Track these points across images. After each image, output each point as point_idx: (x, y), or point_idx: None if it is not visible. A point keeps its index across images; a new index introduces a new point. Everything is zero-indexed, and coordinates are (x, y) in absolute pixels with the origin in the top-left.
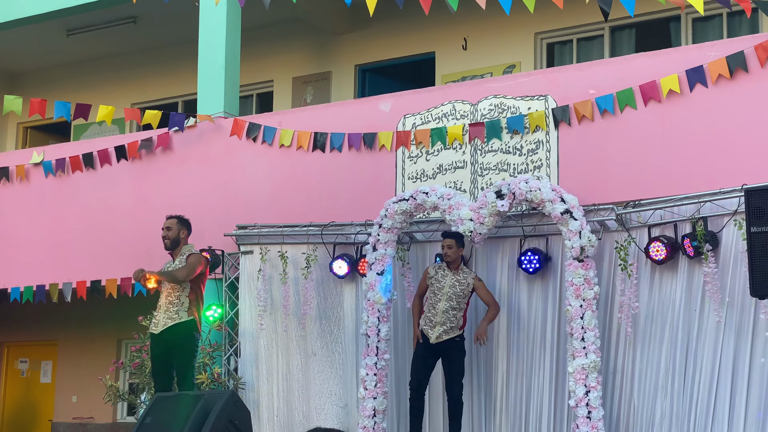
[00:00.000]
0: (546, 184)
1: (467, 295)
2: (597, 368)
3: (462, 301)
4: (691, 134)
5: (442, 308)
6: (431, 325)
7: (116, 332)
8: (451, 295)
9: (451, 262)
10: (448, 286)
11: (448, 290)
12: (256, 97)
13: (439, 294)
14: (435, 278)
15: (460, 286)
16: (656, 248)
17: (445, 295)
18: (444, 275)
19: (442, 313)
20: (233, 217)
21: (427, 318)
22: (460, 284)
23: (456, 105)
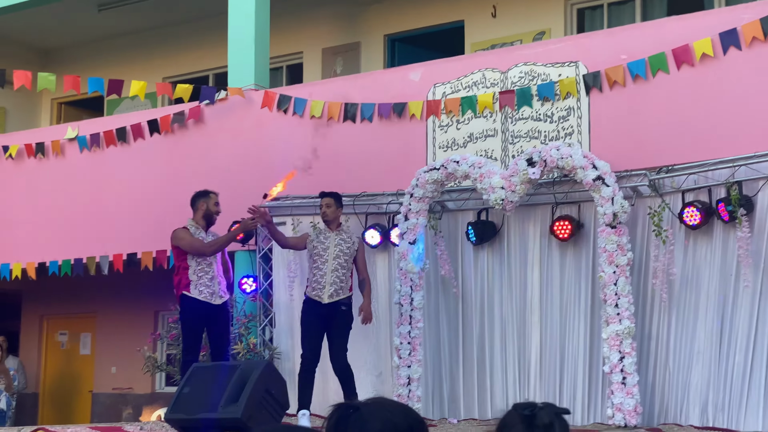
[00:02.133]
0: (577, 150)
1: (353, 253)
2: (631, 334)
3: (349, 260)
4: (725, 98)
5: (330, 267)
6: (321, 286)
7: (153, 304)
8: (338, 253)
9: (330, 221)
10: (333, 245)
11: (334, 249)
12: (286, 68)
13: (324, 255)
14: (318, 241)
15: (346, 244)
16: (690, 213)
17: (332, 255)
18: (326, 237)
19: (331, 273)
20: (265, 188)
21: (315, 282)
22: (345, 242)
23: (486, 73)
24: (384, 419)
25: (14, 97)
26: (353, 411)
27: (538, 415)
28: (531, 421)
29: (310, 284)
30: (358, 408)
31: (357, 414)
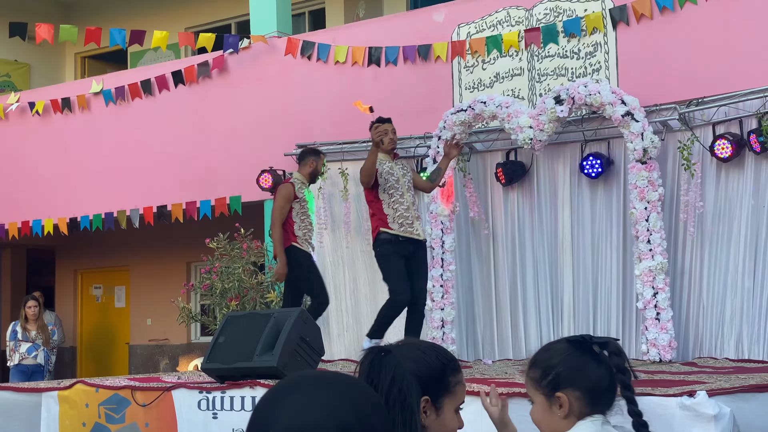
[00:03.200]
0: (605, 86)
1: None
2: (664, 270)
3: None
4: (754, 27)
5: (410, 201)
6: (409, 222)
7: (185, 255)
8: (408, 185)
9: (394, 148)
10: (401, 176)
11: (403, 180)
12: (308, 14)
13: (399, 188)
14: (387, 173)
15: (409, 175)
16: (721, 146)
17: (404, 186)
18: (392, 168)
19: (412, 206)
20: (292, 136)
21: (401, 217)
22: (407, 173)
23: (510, 11)
24: (417, 359)
25: (38, 53)
26: (385, 354)
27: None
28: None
29: (393, 220)
30: (390, 351)
31: (389, 356)
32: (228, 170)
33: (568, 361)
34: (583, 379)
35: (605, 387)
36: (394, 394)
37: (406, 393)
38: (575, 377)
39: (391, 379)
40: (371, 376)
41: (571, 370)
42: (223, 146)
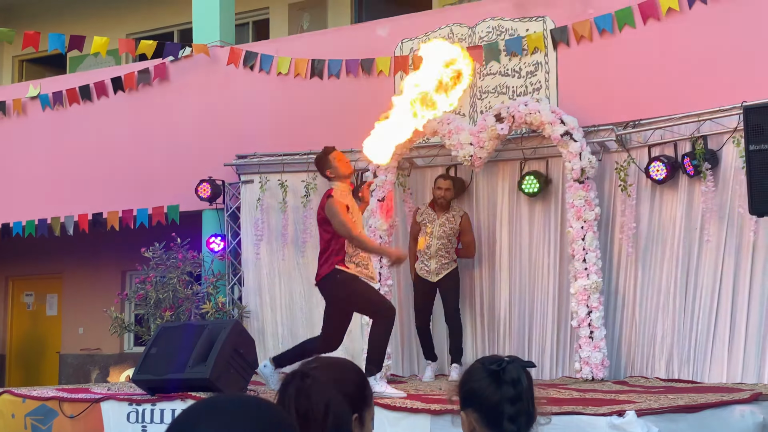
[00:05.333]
0: (545, 106)
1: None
2: (599, 289)
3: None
4: (691, 52)
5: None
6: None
7: (120, 264)
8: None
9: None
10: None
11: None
12: (252, 24)
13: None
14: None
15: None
16: (656, 168)
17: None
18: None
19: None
20: (233, 146)
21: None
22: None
23: (453, 28)
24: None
25: None
26: (311, 380)
27: (506, 370)
28: (498, 376)
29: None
30: (313, 375)
31: (317, 382)
32: (166, 179)
33: (470, 382)
34: (481, 400)
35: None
36: (331, 420)
37: (341, 417)
38: (473, 398)
39: (326, 406)
40: (300, 403)
41: (471, 391)
42: (162, 154)
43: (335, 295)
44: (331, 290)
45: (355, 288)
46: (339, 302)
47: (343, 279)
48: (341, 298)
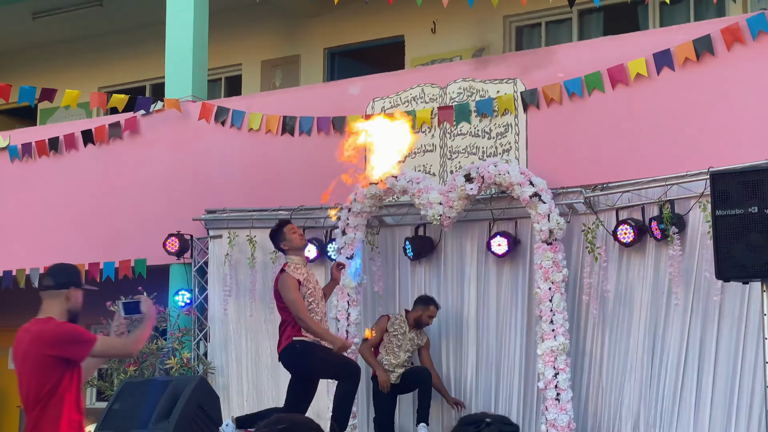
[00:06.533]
0: (515, 167)
1: None
2: (566, 350)
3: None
4: (659, 117)
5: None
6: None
7: (84, 318)
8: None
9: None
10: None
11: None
12: (225, 80)
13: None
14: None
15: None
16: (624, 231)
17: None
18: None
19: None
20: (202, 201)
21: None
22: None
23: (425, 88)
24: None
25: None
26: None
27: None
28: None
29: None
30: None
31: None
32: (134, 232)
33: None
34: None
35: None
36: None
37: None
38: None
39: None
40: None
41: None
42: (130, 208)
43: (296, 365)
44: (292, 361)
45: (315, 356)
46: (301, 372)
47: (302, 349)
48: (303, 368)
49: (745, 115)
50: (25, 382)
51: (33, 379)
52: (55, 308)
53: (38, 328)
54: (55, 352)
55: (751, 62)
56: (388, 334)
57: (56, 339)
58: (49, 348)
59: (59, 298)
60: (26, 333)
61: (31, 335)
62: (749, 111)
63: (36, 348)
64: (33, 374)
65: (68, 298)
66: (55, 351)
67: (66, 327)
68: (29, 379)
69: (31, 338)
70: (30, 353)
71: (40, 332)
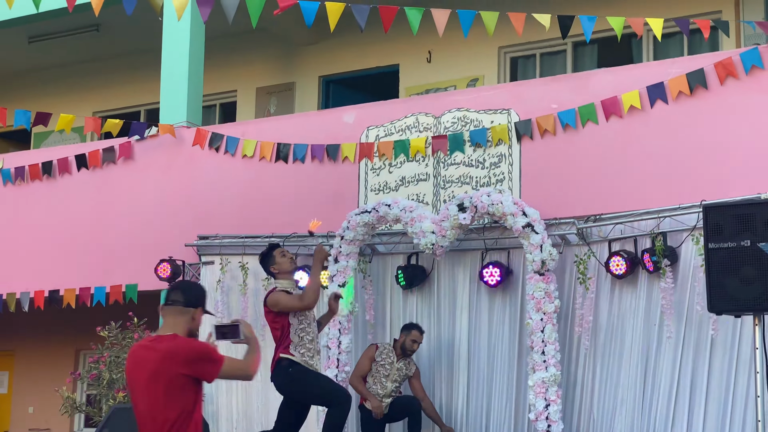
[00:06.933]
0: (508, 197)
1: None
2: (557, 382)
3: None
4: (652, 150)
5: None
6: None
7: (74, 342)
8: (397, 378)
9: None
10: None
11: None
12: (220, 107)
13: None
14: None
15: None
16: (616, 262)
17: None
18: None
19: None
20: (195, 227)
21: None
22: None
23: (419, 117)
24: None
25: None
26: None
27: None
28: None
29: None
30: None
31: None
32: (126, 257)
33: None
34: None
35: None
36: None
37: None
38: None
39: None
40: None
41: None
42: (122, 233)
43: (287, 389)
44: (282, 383)
45: (306, 381)
46: (291, 395)
47: (293, 373)
48: (293, 393)
49: (738, 148)
50: (152, 402)
51: (164, 399)
52: (179, 326)
53: (168, 345)
54: (189, 371)
55: (744, 96)
56: (376, 364)
57: (191, 357)
58: (183, 366)
59: (186, 317)
60: (151, 351)
61: (161, 353)
62: (742, 145)
63: (169, 366)
64: (165, 394)
65: (194, 318)
66: (189, 370)
67: (199, 345)
68: (159, 400)
69: (160, 356)
70: (162, 372)
71: (173, 350)
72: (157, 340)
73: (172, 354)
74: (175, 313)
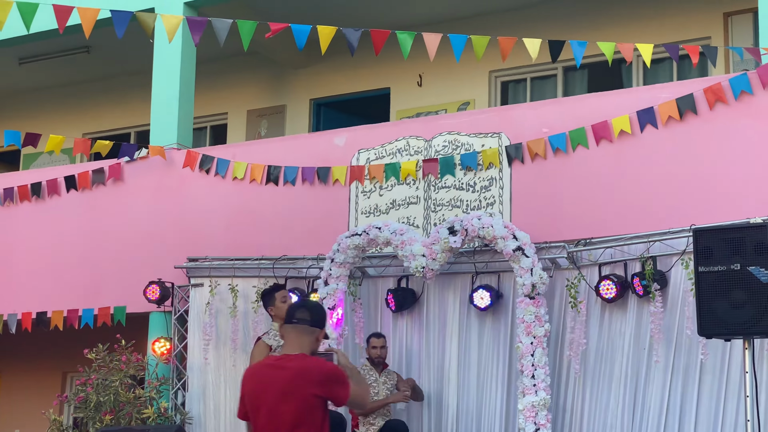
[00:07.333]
0: (498, 221)
1: None
2: (547, 406)
3: None
4: (642, 174)
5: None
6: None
7: (61, 365)
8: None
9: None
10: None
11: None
12: (210, 129)
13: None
14: None
15: (390, 382)
16: (606, 286)
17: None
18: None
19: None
20: (184, 249)
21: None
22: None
23: (410, 141)
24: None
25: None
26: None
27: None
28: None
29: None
30: None
31: None
32: (115, 279)
33: None
34: None
35: None
36: None
37: None
38: None
39: None
40: None
41: None
42: (111, 255)
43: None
44: None
45: None
46: None
47: None
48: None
49: (728, 173)
50: (281, 421)
51: (294, 418)
52: (306, 346)
53: (299, 365)
54: (322, 392)
55: (733, 121)
56: None
57: (324, 378)
58: (317, 387)
59: (312, 336)
60: (280, 370)
61: (292, 372)
62: (732, 169)
63: (303, 386)
64: (295, 413)
65: (317, 339)
66: (321, 391)
67: (331, 366)
68: (288, 419)
69: (292, 375)
70: (293, 391)
71: (305, 369)
72: (285, 359)
73: (305, 373)
74: (302, 332)
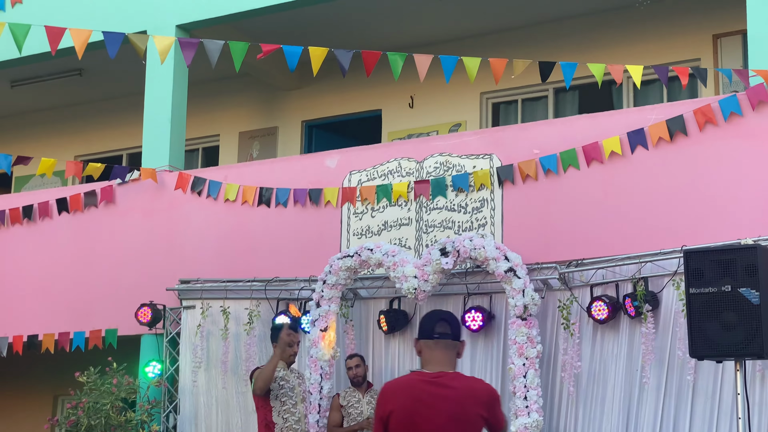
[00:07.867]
0: (490, 242)
1: None
2: (539, 427)
3: None
4: (633, 195)
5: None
6: None
7: (52, 388)
8: (303, 397)
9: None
10: (296, 384)
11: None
12: (202, 151)
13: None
14: (350, 405)
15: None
16: (598, 308)
17: (299, 396)
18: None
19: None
20: (176, 271)
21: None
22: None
23: (402, 162)
24: None
25: None
26: None
27: None
28: None
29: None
30: None
31: None
32: (106, 302)
33: None
34: None
35: None
36: None
37: None
38: None
39: None
40: None
41: None
42: (103, 277)
43: None
44: None
45: None
46: None
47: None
48: None
49: (718, 194)
50: None
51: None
52: (453, 361)
53: (466, 384)
54: (488, 414)
55: (723, 142)
56: (345, 409)
57: (490, 400)
58: (483, 409)
59: (454, 350)
60: (444, 388)
61: (460, 392)
62: (722, 190)
63: (471, 407)
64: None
65: (459, 353)
66: (487, 413)
67: (493, 388)
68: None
69: (461, 396)
70: (464, 413)
71: (472, 390)
72: (444, 376)
73: (473, 394)
74: (447, 347)
